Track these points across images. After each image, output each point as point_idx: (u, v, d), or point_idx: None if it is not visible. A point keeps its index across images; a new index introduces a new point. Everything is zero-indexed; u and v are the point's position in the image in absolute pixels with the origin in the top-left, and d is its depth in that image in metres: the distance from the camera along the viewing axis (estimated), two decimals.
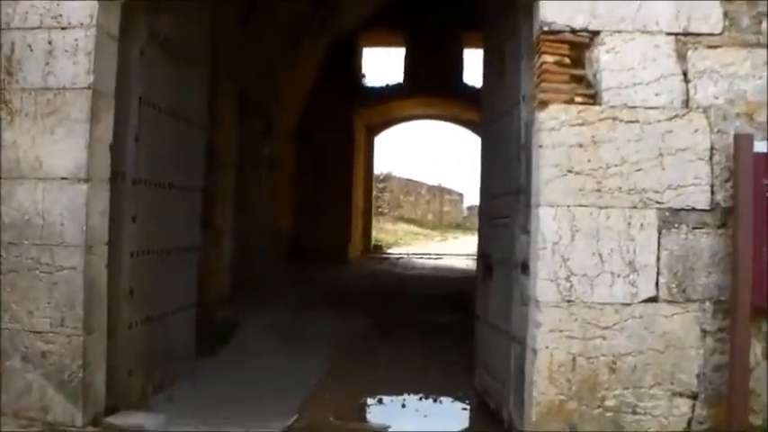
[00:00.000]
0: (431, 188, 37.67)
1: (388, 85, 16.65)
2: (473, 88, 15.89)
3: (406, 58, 16.35)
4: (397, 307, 9.96)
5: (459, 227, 36.38)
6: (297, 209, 15.12)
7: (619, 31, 3.92)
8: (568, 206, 3.85)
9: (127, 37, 4.46)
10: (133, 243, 4.75)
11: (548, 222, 3.86)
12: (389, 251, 20.88)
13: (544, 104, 3.90)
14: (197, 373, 5.72)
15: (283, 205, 14.00)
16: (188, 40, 5.42)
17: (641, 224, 3.86)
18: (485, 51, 5.86)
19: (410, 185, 36.14)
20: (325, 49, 13.83)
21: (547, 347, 3.84)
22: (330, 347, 7.21)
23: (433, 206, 37.17)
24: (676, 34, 3.92)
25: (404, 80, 16.41)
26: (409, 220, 33.14)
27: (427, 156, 75.99)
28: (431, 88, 15.92)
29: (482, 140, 5.95)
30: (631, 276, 3.85)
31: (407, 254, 19.98)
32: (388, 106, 17.36)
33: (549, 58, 3.92)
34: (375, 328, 8.42)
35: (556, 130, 3.86)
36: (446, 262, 18.17)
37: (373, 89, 16.82)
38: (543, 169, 3.87)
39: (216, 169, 7.52)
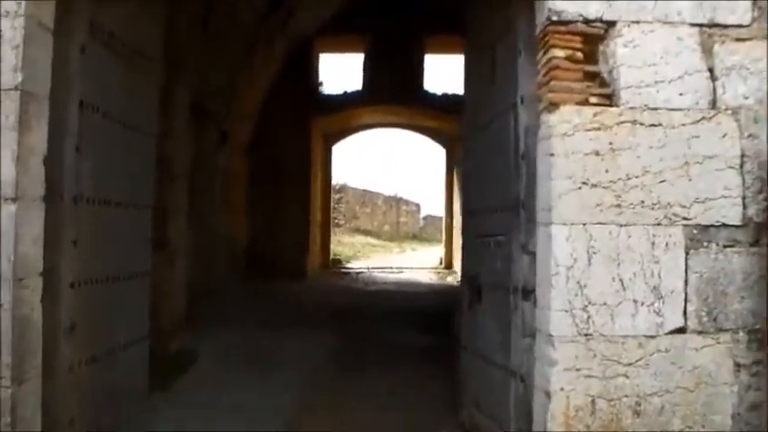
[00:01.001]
0: (387, 198, 37.17)
1: (346, 93, 16.05)
2: (434, 95, 15.56)
3: (366, 64, 15.78)
4: (365, 327, 9.36)
5: (417, 237, 36.02)
6: (253, 222, 14.50)
7: (637, 22, 3.43)
8: (584, 224, 3.34)
9: (64, 31, 3.80)
10: (74, 271, 4.09)
11: (561, 243, 3.33)
12: (349, 265, 20.26)
13: (555, 106, 3.38)
14: (151, 414, 5.08)
15: (239, 218, 13.41)
16: (137, 38, 4.80)
17: (666, 243, 3.37)
18: (468, 52, 5.34)
19: (366, 196, 35.59)
20: (282, 54, 13.24)
21: (562, 389, 3.30)
22: (297, 375, 6.61)
23: (389, 217, 36.67)
24: (701, 26, 3.45)
25: (363, 87, 15.83)
26: (366, 232, 32.60)
27: (383, 165, 75.41)
28: (391, 95, 15.36)
29: (466, 149, 5.39)
30: (656, 304, 3.35)
31: (368, 268, 19.35)
32: (347, 114, 16.78)
33: (560, 53, 3.40)
34: (344, 351, 7.83)
35: (569, 135, 3.34)
36: (408, 276, 17.62)
37: (331, 97, 16.19)
38: (555, 181, 3.34)
39: (168, 182, 6.92)
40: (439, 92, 15.62)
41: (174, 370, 6.39)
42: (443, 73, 19.22)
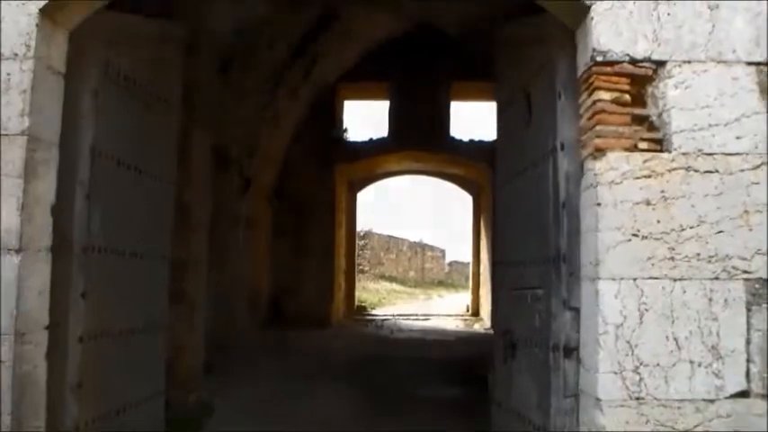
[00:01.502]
0: (412, 245, 36.90)
1: (371, 140, 15.88)
2: (461, 142, 15.32)
3: (391, 111, 15.62)
4: (391, 379, 9.00)
5: (442, 283, 35.66)
6: (276, 270, 14.27)
7: (689, 62, 3.18)
8: (635, 279, 3.05)
9: (76, 73, 3.63)
10: (83, 325, 3.87)
11: (609, 300, 3.05)
12: (374, 312, 19.92)
13: (601, 152, 3.12)
14: None
15: (261, 267, 13.16)
16: (154, 81, 4.61)
17: (725, 299, 3.08)
18: (499, 97, 5.11)
19: (391, 242, 35.32)
20: (306, 100, 13.13)
21: None
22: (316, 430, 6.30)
23: (414, 263, 36.34)
24: (758, 64, 3.20)
25: (388, 134, 15.67)
26: (391, 278, 32.24)
27: (407, 211, 75.30)
28: (417, 142, 15.17)
29: (498, 197, 5.12)
30: (715, 365, 3.05)
31: (393, 315, 18.98)
32: (372, 161, 16.59)
33: (606, 95, 3.16)
34: (370, 405, 7.47)
35: (617, 183, 3.08)
36: (435, 323, 17.24)
37: (356, 144, 16.03)
38: (603, 233, 3.07)
39: (187, 231, 6.70)
40: (465, 138, 15.39)
41: (189, 425, 6.11)
42: (470, 119, 19.06)
